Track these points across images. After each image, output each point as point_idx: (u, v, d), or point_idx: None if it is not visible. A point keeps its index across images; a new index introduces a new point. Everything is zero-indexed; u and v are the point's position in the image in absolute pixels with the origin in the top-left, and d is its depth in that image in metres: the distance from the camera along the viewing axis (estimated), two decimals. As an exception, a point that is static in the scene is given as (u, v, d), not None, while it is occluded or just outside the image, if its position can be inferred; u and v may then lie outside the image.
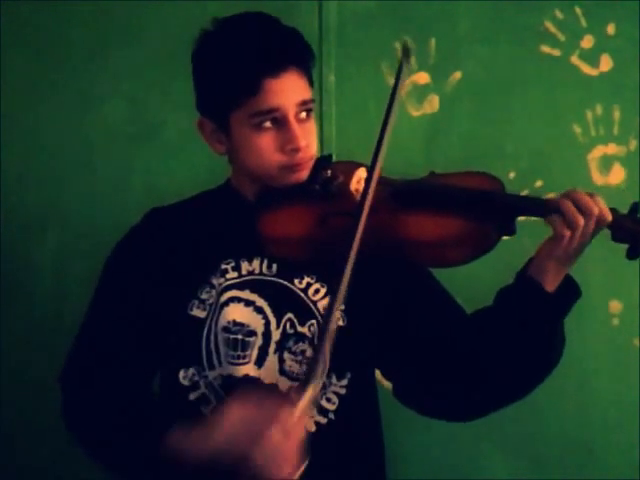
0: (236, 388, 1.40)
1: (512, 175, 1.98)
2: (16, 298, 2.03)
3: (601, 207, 1.32)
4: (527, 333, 1.37)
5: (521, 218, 1.38)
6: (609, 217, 1.31)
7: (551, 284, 1.36)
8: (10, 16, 2.03)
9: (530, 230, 1.42)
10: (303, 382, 1.28)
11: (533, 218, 1.36)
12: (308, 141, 1.42)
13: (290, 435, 1.24)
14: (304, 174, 1.43)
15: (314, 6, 2.01)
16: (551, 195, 1.94)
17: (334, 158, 1.95)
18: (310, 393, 1.26)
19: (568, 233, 1.32)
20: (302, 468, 1.28)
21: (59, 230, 2.04)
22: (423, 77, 2.00)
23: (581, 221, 1.31)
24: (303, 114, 1.42)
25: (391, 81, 2.00)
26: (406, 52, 1.43)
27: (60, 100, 2.03)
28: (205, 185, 1.60)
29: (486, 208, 1.37)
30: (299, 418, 1.25)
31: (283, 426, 1.24)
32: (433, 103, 2.00)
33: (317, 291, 1.45)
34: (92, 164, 2.03)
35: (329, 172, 1.45)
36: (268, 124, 1.40)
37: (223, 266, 1.46)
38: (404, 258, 1.40)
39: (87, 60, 2.03)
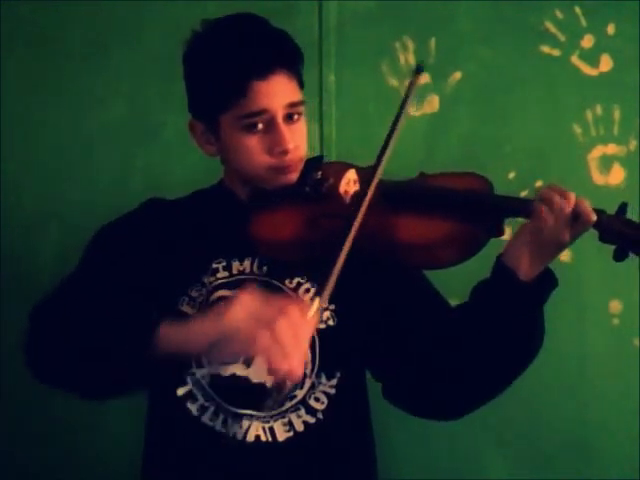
0: (225, 387, 1.41)
1: (512, 175, 1.98)
2: (16, 297, 2.03)
3: (580, 202, 1.29)
4: (503, 323, 1.35)
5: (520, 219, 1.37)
6: (592, 216, 1.28)
7: (526, 272, 1.33)
8: (10, 16, 2.03)
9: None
10: (315, 293, 1.25)
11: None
12: (297, 143, 1.42)
13: (298, 330, 1.19)
14: (294, 176, 1.44)
15: (314, 6, 2.01)
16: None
17: (334, 158, 1.96)
18: (319, 303, 1.22)
19: (545, 209, 1.29)
20: (303, 374, 1.23)
21: (59, 230, 2.04)
22: (423, 77, 2.00)
23: (557, 198, 1.28)
24: (294, 116, 1.42)
25: (391, 81, 2.00)
26: (418, 70, 1.43)
27: (60, 100, 2.03)
28: (205, 185, 1.60)
29: (474, 209, 1.36)
30: (309, 320, 1.21)
31: (292, 320, 1.19)
32: (433, 103, 2.00)
33: (307, 290, 1.45)
34: (92, 164, 2.03)
35: (319, 174, 1.45)
36: (256, 126, 1.40)
37: (214, 265, 1.46)
38: (392, 259, 1.39)
39: (87, 60, 2.03)
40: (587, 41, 1.97)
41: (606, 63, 1.97)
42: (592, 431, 1.98)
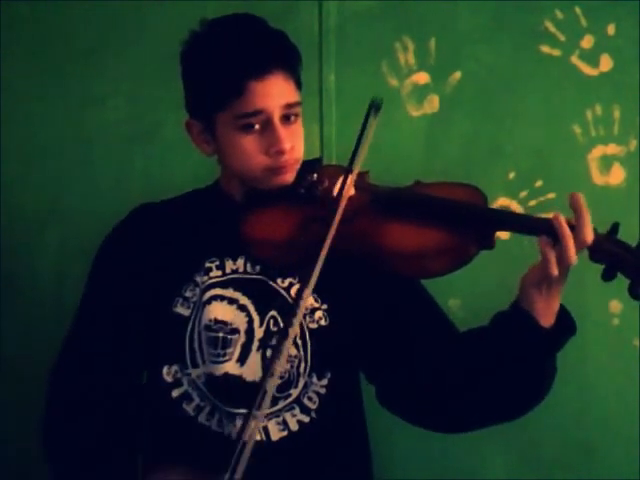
0: (218, 386, 1.41)
1: (512, 175, 1.98)
2: (16, 298, 2.03)
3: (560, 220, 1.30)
4: (516, 365, 1.36)
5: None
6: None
7: (544, 313, 1.33)
8: (10, 16, 2.03)
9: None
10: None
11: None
12: (293, 144, 1.42)
13: None
14: (289, 177, 1.44)
15: (314, 6, 2.01)
16: (551, 195, 1.95)
17: (334, 158, 1.95)
18: None
19: (554, 257, 1.29)
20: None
21: (59, 230, 2.04)
22: (423, 77, 2.00)
23: (571, 242, 1.28)
24: (291, 117, 1.42)
25: (391, 81, 2.00)
26: (376, 106, 1.41)
27: (60, 100, 2.04)
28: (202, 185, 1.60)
29: (466, 221, 1.36)
30: None
31: None
32: (433, 103, 2.00)
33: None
34: (92, 164, 2.04)
35: (315, 176, 1.45)
36: (253, 126, 1.40)
37: (207, 264, 1.47)
38: (381, 266, 1.39)
39: (87, 60, 2.03)
40: (587, 41, 1.97)
41: (606, 63, 1.97)
42: (592, 431, 1.98)
